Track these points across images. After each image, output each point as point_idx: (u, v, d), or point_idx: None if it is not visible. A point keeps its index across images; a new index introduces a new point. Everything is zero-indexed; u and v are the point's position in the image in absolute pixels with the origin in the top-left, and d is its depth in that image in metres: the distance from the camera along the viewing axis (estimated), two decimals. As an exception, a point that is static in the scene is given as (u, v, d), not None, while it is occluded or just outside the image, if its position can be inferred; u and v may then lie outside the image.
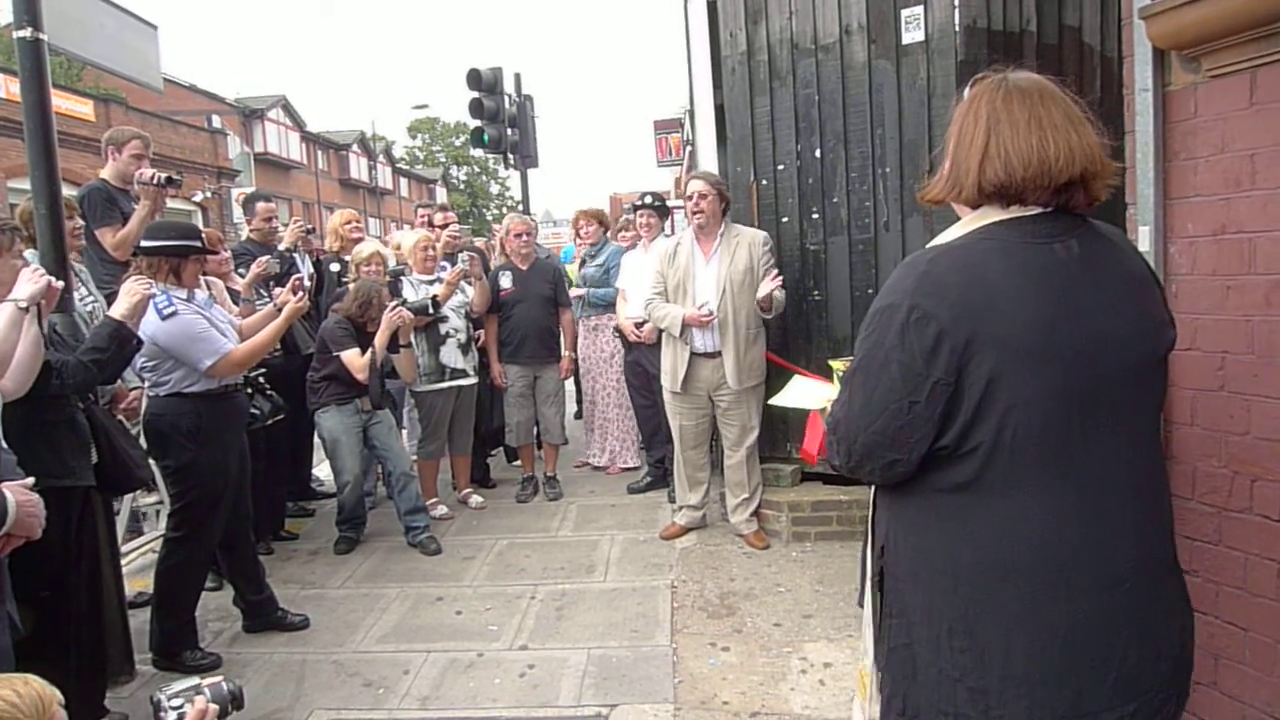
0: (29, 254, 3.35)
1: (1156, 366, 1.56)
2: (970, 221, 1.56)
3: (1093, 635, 1.45)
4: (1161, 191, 2.43)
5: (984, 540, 1.48)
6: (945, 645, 1.51)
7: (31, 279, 2.71)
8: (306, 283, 5.01)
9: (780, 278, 4.65)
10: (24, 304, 2.65)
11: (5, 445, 2.28)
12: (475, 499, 5.98)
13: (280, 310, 4.07)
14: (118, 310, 3.17)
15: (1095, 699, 1.45)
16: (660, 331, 5.63)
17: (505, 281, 5.91)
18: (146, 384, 3.78)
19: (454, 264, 5.79)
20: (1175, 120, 2.39)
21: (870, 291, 4.73)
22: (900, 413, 1.47)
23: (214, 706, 1.65)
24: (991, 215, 1.53)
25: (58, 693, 1.48)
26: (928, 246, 1.58)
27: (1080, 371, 1.44)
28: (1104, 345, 1.45)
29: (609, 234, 7.08)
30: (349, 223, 6.30)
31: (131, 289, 3.21)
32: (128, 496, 4.79)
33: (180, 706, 1.62)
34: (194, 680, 1.69)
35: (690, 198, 4.74)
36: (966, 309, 1.43)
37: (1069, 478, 1.46)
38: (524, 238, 5.99)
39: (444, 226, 6.76)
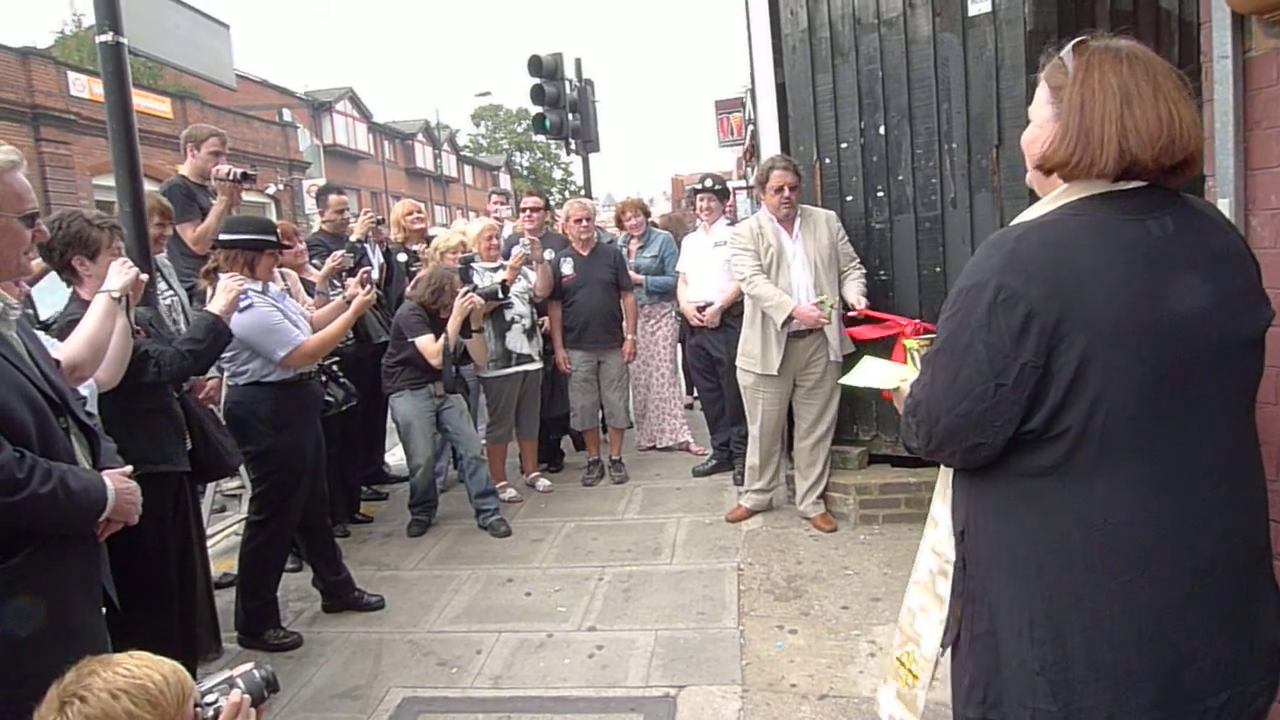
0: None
1: (1252, 346, 1.48)
2: (1059, 196, 1.48)
3: (1180, 623, 1.40)
4: (1242, 162, 2.34)
5: (1069, 527, 1.43)
6: (1027, 636, 1.46)
7: (121, 270, 2.82)
8: (375, 275, 5.12)
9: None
10: (116, 294, 2.75)
11: (105, 433, 2.39)
12: (543, 482, 6.06)
13: (349, 303, 4.18)
14: (216, 306, 3.33)
15: (1182, 688, 1.40)
16: (723, 315, 5.63)
17: (566, 268, 5.94)
18: (226, 374, 3.92)
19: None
20: (1256, 87, 2.29)
21: (938, 270, 4.65)
22: (986, 395, 1.42)
23: (248, 696, 1.61)
24: (1080, 190, 1.46)
25: (198, 690, 1.51)
26: (1014, 223, 1.51)
27: (1173, 353, 1.38)
28: (1197, 325, 1.39)
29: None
30: (411, 213, 6.43)
31: (228, 286, 3.38)
32: (212, 482, 4.98)
33: (215, 702, 1.57)
34: (224, 674, 1.65)
35: (780, 189, 4.61)
36: (1056, 288, 1.37)
37: (1157, 462, 1.40)
38: (583, 223, 6.00)
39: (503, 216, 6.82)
